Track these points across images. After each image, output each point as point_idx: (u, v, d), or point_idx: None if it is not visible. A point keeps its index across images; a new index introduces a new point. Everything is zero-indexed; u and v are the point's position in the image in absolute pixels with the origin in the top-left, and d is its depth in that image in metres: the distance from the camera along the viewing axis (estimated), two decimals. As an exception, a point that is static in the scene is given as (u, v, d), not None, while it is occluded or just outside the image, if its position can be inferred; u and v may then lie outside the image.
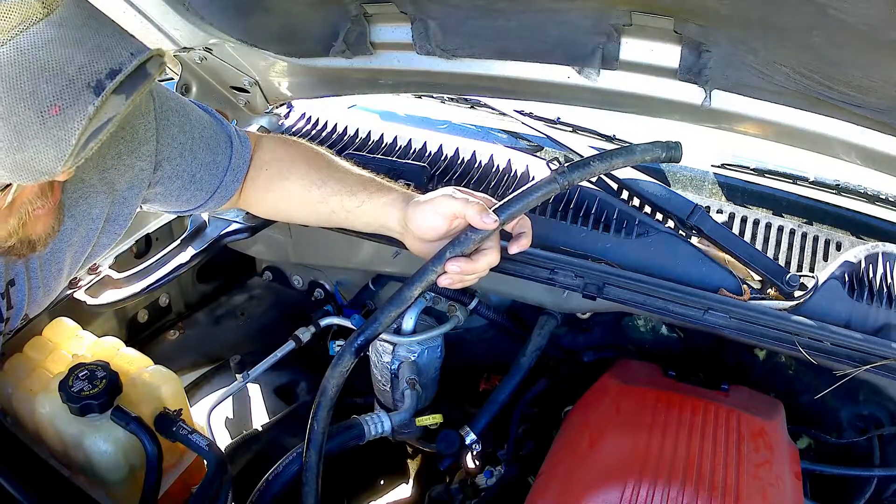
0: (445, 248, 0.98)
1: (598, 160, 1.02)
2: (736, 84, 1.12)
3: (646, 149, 1.03)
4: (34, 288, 1.00)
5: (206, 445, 1.09)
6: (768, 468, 1.00)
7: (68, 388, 1.05)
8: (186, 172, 1.08)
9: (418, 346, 1.39)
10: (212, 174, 1.11)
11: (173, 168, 1.06)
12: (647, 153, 1.03)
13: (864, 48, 0.90)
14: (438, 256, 0.98)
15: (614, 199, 1.37)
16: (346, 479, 1.64)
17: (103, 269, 1.41)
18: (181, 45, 1.40)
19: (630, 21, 1.09)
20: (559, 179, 0.99)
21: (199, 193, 1.12)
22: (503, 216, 0.98)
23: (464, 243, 0.97)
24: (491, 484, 1.28)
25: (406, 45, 1.32)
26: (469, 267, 0.98)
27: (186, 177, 1.08)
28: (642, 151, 1.03)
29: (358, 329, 1.00)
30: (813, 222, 1.48)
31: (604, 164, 1.02)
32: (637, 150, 1.03)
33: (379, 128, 1.66)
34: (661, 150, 1.04)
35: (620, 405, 1.12)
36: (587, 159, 1.02)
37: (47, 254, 0.98)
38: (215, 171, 1.12)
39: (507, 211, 0.99)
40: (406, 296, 0.98)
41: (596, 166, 1.01)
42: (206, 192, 1.12)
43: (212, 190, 1.12)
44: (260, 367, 1.51)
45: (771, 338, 1.12)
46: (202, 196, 1.13)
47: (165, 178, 1.07)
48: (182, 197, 1.11)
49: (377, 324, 0.99)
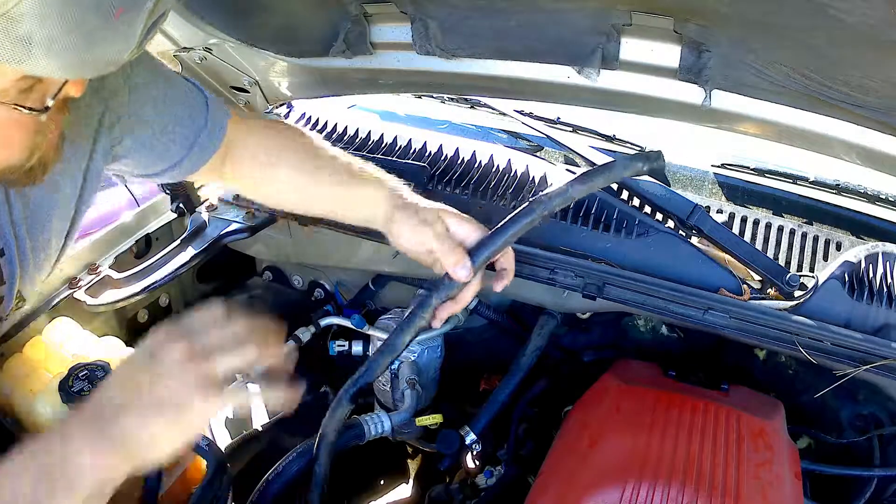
0: (430, 295, 0.99)
1: (578, 183, 1.01)
2: (736, 84, 1.12)
3: (626, 164, 1.03)
4: (24, 260, 0.99)
5: (206, 445, 1.09)
6: (768, 468, 1.00)
7: (68, 389, 1.05)
8: (157, 123, 1.06)
9: (418, 346, 1.39)
10: (186, 129, 1.09)
11: (141, 119, 1.04)
12: (629, 168, 1.03)
13: (864, 48, 0.90)
14: (424, 304, 0.99)
15: (614, 199, 1.37)
16: (346, 479, 1.64)
17: (103, 269, 1.41)
18: (181, 45, 1.40)
19: (630, 21, 1.09)
20: (538, 209, 0.99)
21: (172, 148, 1.08)
22: (479, 261, 0.99)
23: (448, 288, 0.99)
24: (491, 484, 1.28)
25: (406, 45, 1.32)
26: (456, 307, 1.02)
27: (157, 127, 1.06)
28: (623, 167, 1.02)
29: (352, 378, 1.01)
30: (813, 222, 1.48)
31: (584, 187, 1.01)
32: (617, 167, 1.02)
33: (379, 128, 1.66)
34: (642, 163, 1.04)
35: (620, 405, 1.12)
36: (567, 185, 1.01)
37: (33, 221, 0.97)
38: (190, 127, 1.09)
39: (485, 252, 1.00)
40: (397, 343, 0.99)
41: (576, 189, 1.00)
42: (179, 148, 1.09)
43: (186, 147, 1.09)
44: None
45: (771, 338, 1.13)
46: (175, 153, 1.09)
47: (135, 125, 1.04)
48: (154, 151, 1.08)
49: (370, 372, 1.01)
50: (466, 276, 0.97)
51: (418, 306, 0.98)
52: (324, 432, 1.01)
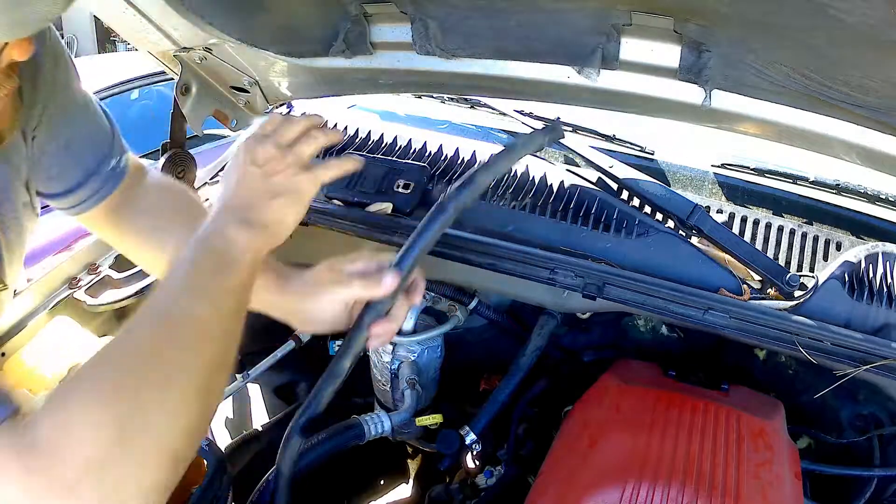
0: (364, 316, 0.95)
1: (482, 171, 0.99)
2: (736, 84, 1.12)
3: (526, 141, 1.02)
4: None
5: (206, 445, 1.09)
6: (768, 468, 1.00)
7: (68, 389, 1.05)
8: (64, 136, 1.04)
9: (418, 346, 1.39)
10: (88, 156, 1.07)
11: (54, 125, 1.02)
12: (530, 144, 1.02)
13: (864, 48, 0.90)
14: (359, 326, 0.95)
15: (614, 199, 1.37)
16: (346, 479, 1.64)
17: (103, 269, 1.42)
18: (181, 45, 1.40)
19: (630, 21, 1.09)
20: (449, 207, 0.97)
21: (72, 170, 1.06)
22: (404, 269, 0.95)
23: (378, 306, 0.95)
24: (491, 484, 1.28)
25: (406, 45, 1.32)
26: (391, 325, 0.96)
27: (62, 141, 1.04)
28: (524, 145, 1.02)
29: (300, 411, 0.99)
30: (813, 222, 1.48)
31: (490, 173, 0.99)
32: (518, 146, 1.02)
33: (379, 128, 1.66)
34: (542, 136, 1.03)
35: (620, 405, 1.12)
36: (472, 174, 0.99)
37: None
38: (93, 154, 1.07)
39: (406, 261, 0.96)
40: (338, 370, 0.98)
41: (483, 177, 0.99)
42: (78, 172, 1.06)
43: (84, 173, 1.06)
44: (260, 367, 1.51)
45: (771, 338, 1.12)
46: (72, 176, 1.06)
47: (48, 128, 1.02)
48: (53, 166, 1.05)
49: (317, 402, 0.99)
50: (392, 281, 0.92)
51: (353, 329, 0.96)
52: (280, 469, 1.00)
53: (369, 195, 1.43)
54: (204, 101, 1.52)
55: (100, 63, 5.60)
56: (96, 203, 1.09)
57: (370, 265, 0.97)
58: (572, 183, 1.41)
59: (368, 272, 0.96)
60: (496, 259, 1.23)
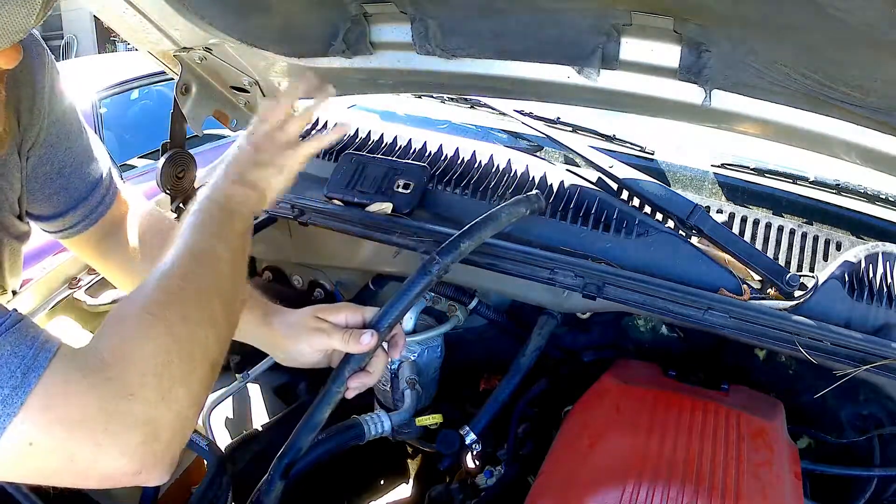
0: (342, 368, 1.00)
1: (466, 237, 1.08)
2: (736, 84, 1.12)
3: (510, 211, 1.13)
4: None
5: (206, 445, 1.10)
6: (768, 468, 1.00)
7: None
8: (58, 161, 1.07)
9: (418, 346, 1.39)
10: (79, 182, 1.10)
11: (49, 150, 1.05)
12: (513, 215, 1.14)
13: (864, 48, 0.90)
14: (338, 378, 1.00)
15: (614, 199, 1.37)
16: (346, 479, 1.64)
17: (103, 269, 1.42)
18: (181, 45, 1.40)
19: (630, 21, 1.09)
20: (432, 269, 1.04)
21: (62, 193, 1.09)
22: (383, 328, 1.00)
23: (358, 360, 1.00)
24: (491, 484, 1.28)
25: (406, 45, 1.32)
26: (369, 379, 1.03)
27: (56, 165, 1.07)
28: (508, 215, 1.13)
29: (278, 456, 1.01)
30: (813, 222, 1.48)
31: (473, 241, 1.09)
32: (502, 215, 1.13)
33: (379, 128, 1.66)
34: (525, 207, 1.16)
35: (620, 405, 1.12)
36: (455, 239, 1.07)
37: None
38: (84, 179, 1.10)
39: (387, 320, 1.01)
40: (316, 420, 1.01)
41: (466, 245, 1.08)
42: (67, 197, 1.10)
43: (74, 199, 1.10)
44: (260, 366, 1.51)
45: (771, 338, 1.12)
46: (65, 199, 1.10)
47: (42, 152, 1.05)
48: (45, 190, 1.08)
49: (297, 447, 1.01)
50: (370, 340, 0.99)
51: (331, 381, 1.00)
52: None
53: (369, 195, 1.43)
54: (204, 101, 1.52)
55: (100, 63, 5.60)
56: (83, 230, 1.13)
57: (354, 317, 1.04)
58: (572, 183, 1.41)
59: (351, 324, 1.04)
60: (496, 259, 1.23)
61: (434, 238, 1.29)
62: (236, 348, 1.71)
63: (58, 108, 1.05)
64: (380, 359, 1.04)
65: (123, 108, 4.47)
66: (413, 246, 1.31)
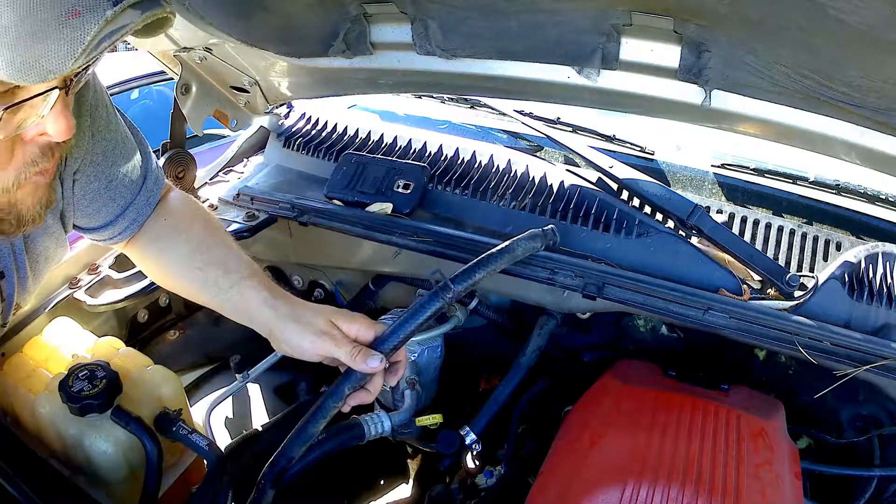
0: (342, 383, 0.99)
1: (481, 268, 1.06)
2: (736, 84, 1.12)
3: (526, 245, 1.13)
4: (23, 278, 1.01)
5: (206, 445, 1.10)
6: (768, 468, 1.00)
7: (68, 388, 1.05)
8: (105, 176, 1.06)
9: (418, 346, 1.39)
10: (125, 189, 1.10)
11: (95, 167, 1.05)
12: (529, 249, 1.14)
13: (864, 48, 0.90)
14: (337, 393, 0.99)
15: (614, 199, 1.37)
16: (346, 479, 1.64)
17: (103, 269, 1.41)
18: (181, 45, 1.40)
19: (630, 21, 1.09)
20: (443, 295, 1.02)
21: (111, 204, 1.09)
22: (387, 349, 0.99)
23: (359, 378, 0.99)
24: (491, 484, 1.28)
25: (406, 45, 1.32)
26: (367, 397, 1.01)
27: (104, 180, 1.06)
28: (524, 249, 1.13)
29: (268, 464, 1.00)
30: (813, 222, 1.48)
31: (485, 270, 1.07)
32: (518, 249, 1.12)
33: (379, 128, 1.66)
34: (540, 241, 1.15)
35: (620, 405, 1.12)
36: (470, 268, 1.05)
37: (31, 246, 0.99)
38: (129, 187, 1.10)
39: (392, 342, 0.99)
40: (311, 432, 1.00)
41: (480, 275, 1.06)
42: (118, 204, 1.10)
43: (123, 205, 1.10)
44: (260, 366, 1.50)
45: (771, 338, 1.12)
46: (113, 209, 1.10)
47: (89, 171, 1.05)
48: (94, 204, 1.08)
49: (288, 455, 1.00)
50: (378, 365, 0.97)
51: (329, 396, 0.99)
52: None
53: (369, 195, 1.43)
54: (204, 101, 1.52)
55: (100, 63, 5.58)
56: (132, 232, 1.14)
57: (367, 333, 1.01)
58: (572, 183, 1.41)
59: (361, 339, 1.00)
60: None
61: (434, 238, 1.29)
62: (237, 348, 1.71)
63: (100, 122, 1.03)
64: (379, 378, 1.02)
65: (123, 107, 4.42)
66: (413, 246, 1.31)
